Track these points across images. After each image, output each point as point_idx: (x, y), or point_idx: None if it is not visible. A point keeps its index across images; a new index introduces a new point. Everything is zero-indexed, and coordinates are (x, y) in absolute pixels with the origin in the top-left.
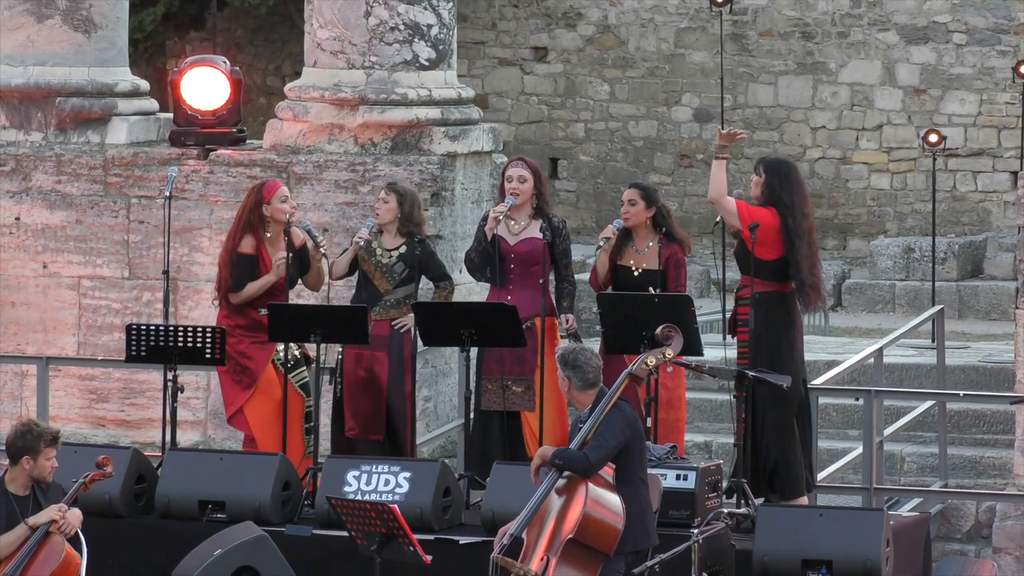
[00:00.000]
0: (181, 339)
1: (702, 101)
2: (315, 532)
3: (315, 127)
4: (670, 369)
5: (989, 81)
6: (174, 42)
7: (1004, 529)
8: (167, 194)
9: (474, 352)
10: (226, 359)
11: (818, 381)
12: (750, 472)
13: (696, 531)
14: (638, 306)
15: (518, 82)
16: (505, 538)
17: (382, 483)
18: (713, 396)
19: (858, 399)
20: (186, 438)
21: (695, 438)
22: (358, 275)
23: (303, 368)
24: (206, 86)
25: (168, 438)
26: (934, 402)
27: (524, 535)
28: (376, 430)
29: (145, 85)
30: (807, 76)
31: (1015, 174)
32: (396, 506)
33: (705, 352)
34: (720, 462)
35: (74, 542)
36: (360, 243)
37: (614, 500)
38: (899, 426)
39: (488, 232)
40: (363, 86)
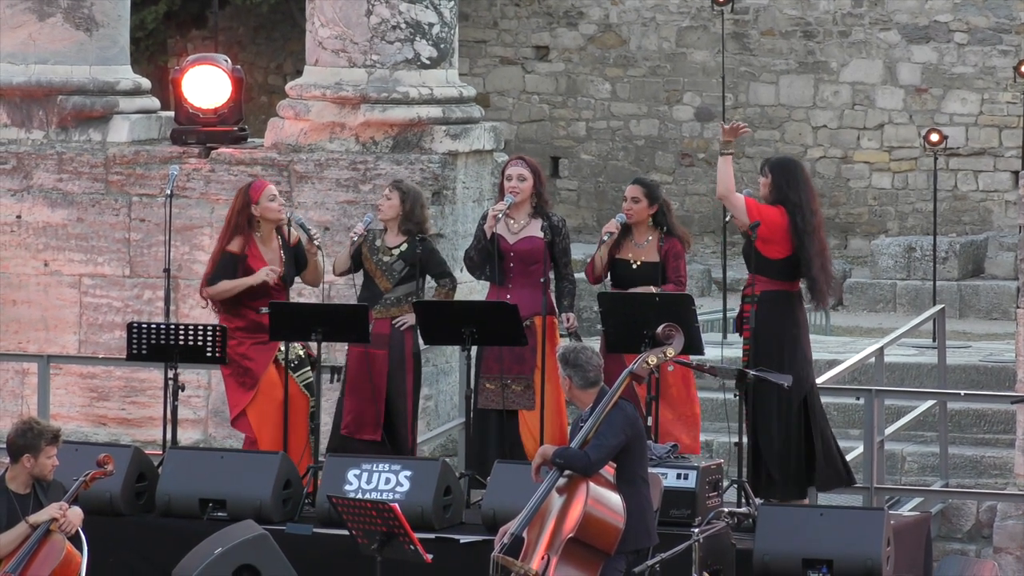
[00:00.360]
0: (182, 337)
1: (703, 100)
2: (316, 531)
3: (316, 125)
4: (671, 368)
5: (990, 80)
6: (175, 40)
7: (1005, 529)
8: (168, 192)
9: (474, 351)
10: (228, 361)
11: (819, 380)
12: (751, 472)
13: (697, 530)
14: (639, 305)
15: (519, 81)
16: (506, 537)
17: (383, 482)
18: (714, 395)
19: (859, 398)
20: (187, 436)
21: None
22: (363, 273)
23: (307, 368)
24: (207, 84)
25: (169, 436)
26: (935, 401)
27: (525, 534)
28: (370, 429)
29: (146, 83)
30: (808, 75)
31: (1016, 173)
32: (397, 505)
33: (706, 351)
34: (721, 461)
35: (75, 540)
36: (355, 238)
37: (615, 499)
38: (900, 425)
39: (487, 230)
40: (364, 85)
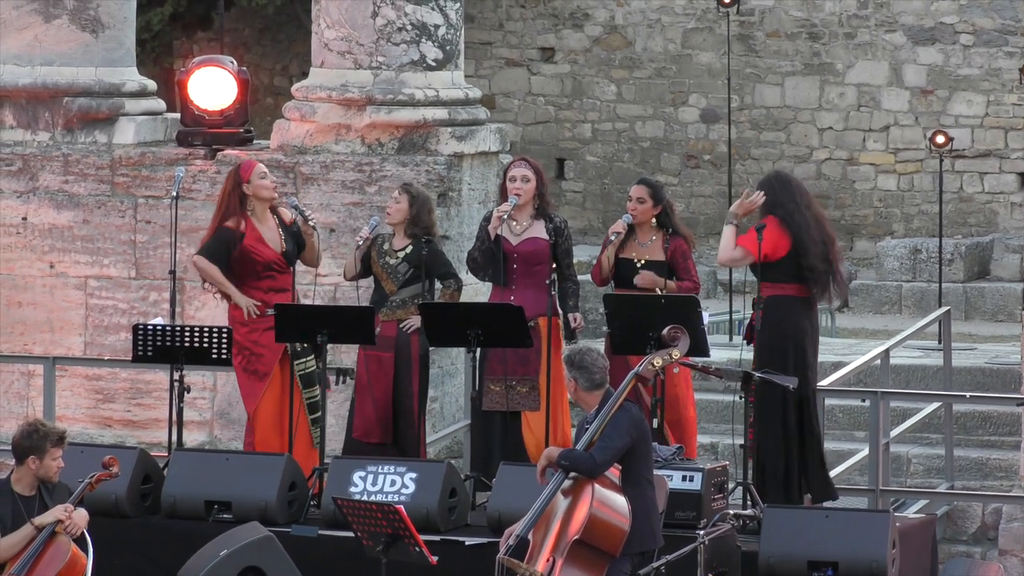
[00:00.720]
0: (188, 339)
1: (709, 102)
2: (321, 533)
3: (322, 127)
4: (676, 370)
5: (996, 82)
6: (181, 42)
7: (1010, 531)
8: (174, 194)
9: (478, 352)
10: (238, 352)
11: (824, 382)
12: (757, 474)
13: (702, 532)
14: (645, 307)
15: (525, 83)
16: (511, 539)
17: (388, 484)
18: (719, 397)
19: (864, 400)
20: (192, 438)
21: (701, 439)
22: (373, 277)
23: (310, 358)
24: (213, 86)
25: (174, 438)
26: (940, 403)
27: (530, 536)
28: (379, 433)
29: (152, 85)
30: (814, 77)
31: (1022, 175)
32: (402, 507)
33: (712, 353)
34: (727, 463)
35: (80, 542)
36: (360, 242)
37: (620, 501)
38: (905, 427)
39: (492, 231)
40: (370, 86)
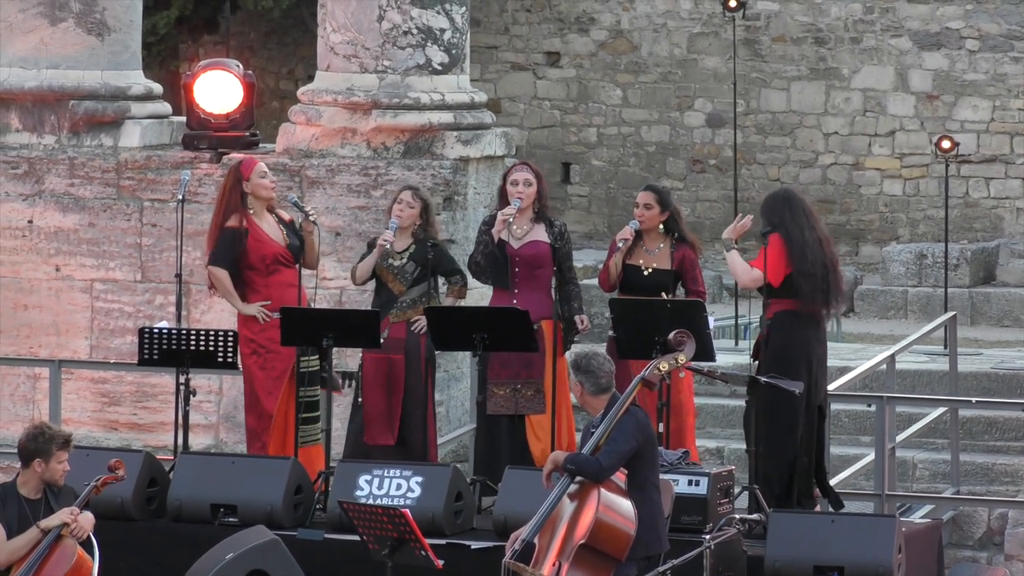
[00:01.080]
0: (193, 343)
1: (715, 106)
2: (327, 536)
3: (328, 131)
4: (682, 374)
5: (1002, 87)
6: (187, 45)
7: (1016, 536)
8: (180, 197)
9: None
10: (252, 352)
11: (830, 387)
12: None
13: (708, 537)
14: (651, 311)
15: (531, 87)
16: (517, 543)
17: (394, 487)
18: (725, 402)
19: (870, 405)
20: (198, 441)
21: (707, 443)
22: (374, 280)
23: (313, 357)
24: (219, 90)
25: (180, 441)
26: (946, 408)
27: (536, 540)
28: (387, 434)
29: (158, 88)
30: (820, 82)
31: None
32: (408, 510)
33: (717, 357)
34: (732, 468)
35: (86, 545)
36: (386, 245)
37: (626, 505)
38: (911, 432)
39: (495, 234)
40: (376, 90)
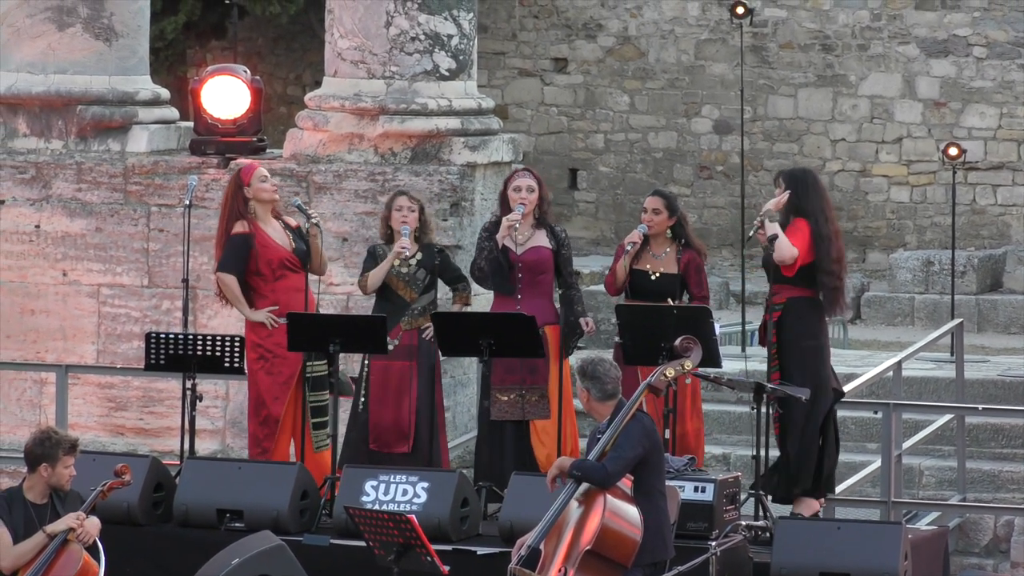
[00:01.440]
0: (200, 348)
1: (722, 113)
2: (333, 542)
3: (335, 137)
4: (688, 381)
5: (1009, 95)
6: (195, 51)
7: (1022, 543)
8: (187, 203)
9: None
10: (259, 357)
11: None
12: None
13: (714, 543)
14: (657, 317)
15: (538, 93)
16: (523, 549)
17: (400, 493)
18: (731, 408)
19: (877, 412)
20: (204, 447)
21: (713, 450)
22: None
23: (322, 362)
24: (227, 95)
25: (186, 446)
26: (953, 416)
27: (542, 546)
28: (401, 442)
29: (166, 94)
30: (827, 88)
31: None
32: (414, 516)
33: (724, 364)
34: (739, 474)
35: (92, 550)
36: (405, 253)
37: (632, 512)
38: (918, 439)
39: (500, 240)
40: (383, 96)
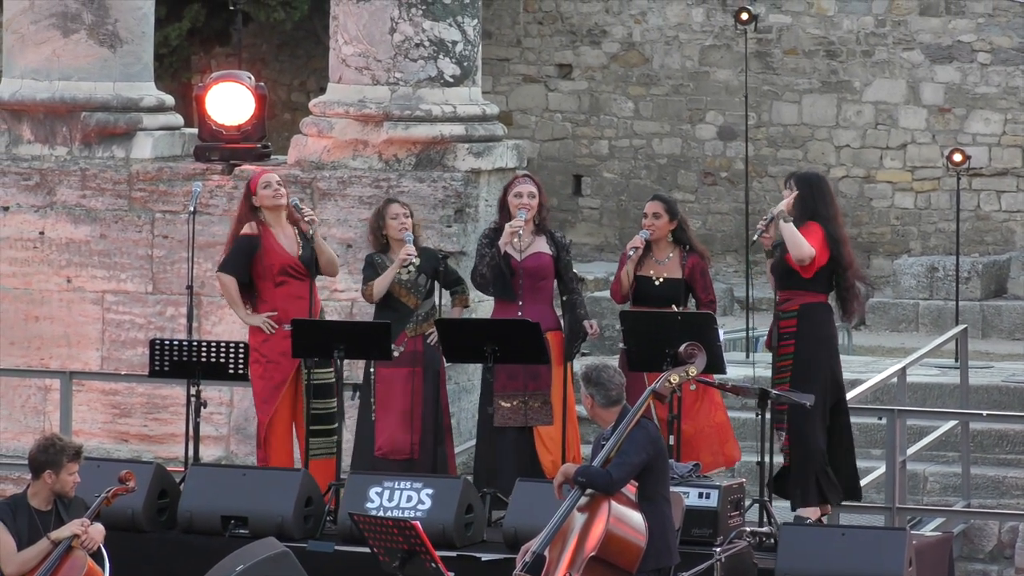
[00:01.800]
0: (204, 354)
1: (726, 119)
2: (337, 548)
3: (339, 143)
4: (693, 387)
5: (1014, 100)
6: (199, 57)
7: None
8: (191, 209)
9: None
10: (254, 361)
11: None
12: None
13: (718, 549)
14: (661, 324)
15: (542, 99)
16: (527, 555)
17: (404, 499)
18: (736, 415)
19: (881, 418)
20: (209, 453)
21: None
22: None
23: (327, 370)
24: (231, 101)
25: (191, 453)
26: (957, 422)
27: (546, 552)
28: (407, 450)
29: (170, 100)
30: (831, 94)
31: None
32: (418, 523)
33: (728, 370)
34: (743, 480)
35: (96, 557)
36: (415, 260)
37: (636, 518)
38: (922, 445)
39: (503, 246)
40: (388, 102)
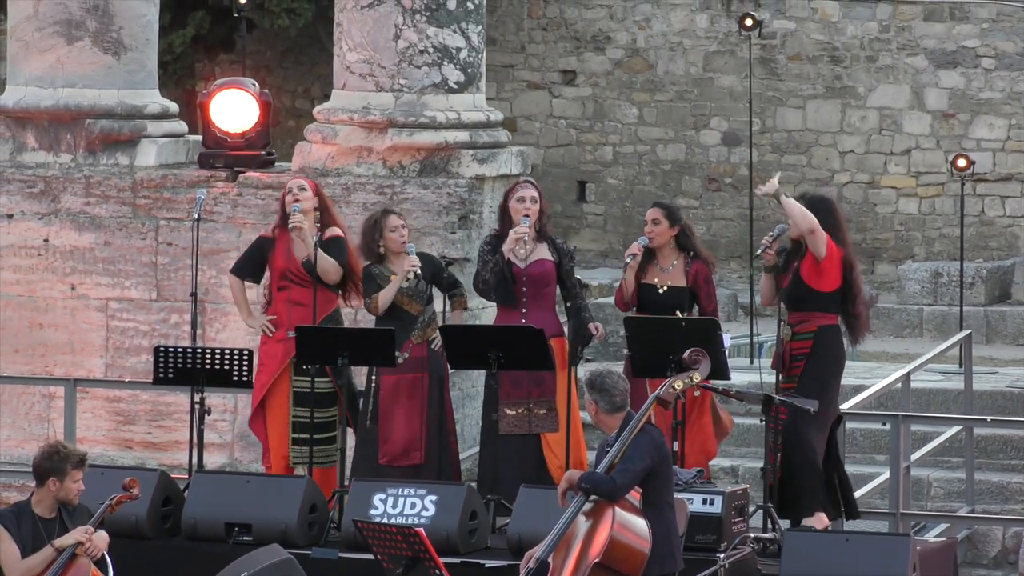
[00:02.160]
0: (209, 361)
1: (730, 125)
2: (341, 555)
3: (344, 150)
4: (697, 393)
5: (1018, 106)
6: (203, 64)
7: None
8: (195, 216)
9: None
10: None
11: (845, 406)
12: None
13: (722, 556)
14: (665, 330)
15: (547, 105)
16: (531, 562)
17: (408, 506)
18: (739, 421)
19: (885, 424)
20: (213, 460)
21: (722, 462)
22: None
23: (326, 379)
24: (235, 108)
25: (195, 460)
26: (961, 427)
27: (550, 559)
28: (415, 454)
29: (174, 107)
30: (836, 100)
31: None
32: (422, 529)
33: (732, 376)
34: (747, 486)
35: (100, 564)
36: (418, 271)
37: (640, 524)
38: (926, 451)
39: (507, 252)
40: (392, 109)
